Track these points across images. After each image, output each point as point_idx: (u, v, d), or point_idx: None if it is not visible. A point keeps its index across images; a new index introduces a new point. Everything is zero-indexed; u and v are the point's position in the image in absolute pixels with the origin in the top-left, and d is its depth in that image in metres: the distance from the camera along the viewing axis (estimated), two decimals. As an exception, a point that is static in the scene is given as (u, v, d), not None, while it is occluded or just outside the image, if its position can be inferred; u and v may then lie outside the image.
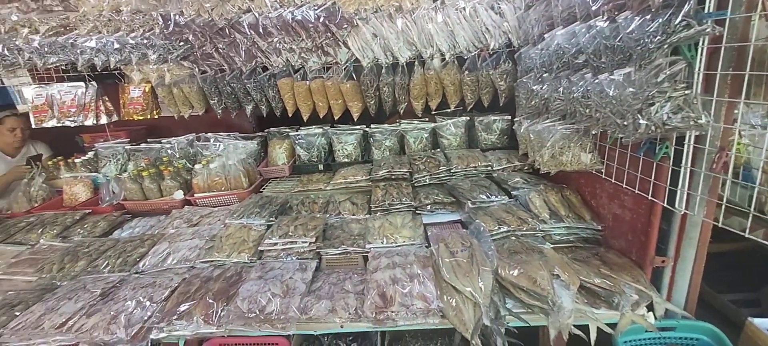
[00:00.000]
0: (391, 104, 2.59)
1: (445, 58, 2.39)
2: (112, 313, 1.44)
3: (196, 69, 2.61)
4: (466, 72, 2.42)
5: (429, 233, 1.83)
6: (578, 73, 1.56)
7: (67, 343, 1.42)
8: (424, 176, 2.25)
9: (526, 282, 1.40)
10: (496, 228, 1.73)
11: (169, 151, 2.79)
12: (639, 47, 1.22)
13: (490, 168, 2.28)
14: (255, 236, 1.86)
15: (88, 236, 2.11)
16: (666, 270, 1.42)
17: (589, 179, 1.84)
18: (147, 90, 2.75)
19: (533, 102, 2.02)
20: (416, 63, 2.43)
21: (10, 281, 1.80)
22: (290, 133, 2.68)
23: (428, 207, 2.06)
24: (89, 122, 2.76)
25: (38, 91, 2.77)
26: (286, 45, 2.39)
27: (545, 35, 1.83)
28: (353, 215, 2.06)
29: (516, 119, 2.23)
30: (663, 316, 1.33)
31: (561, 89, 1.70)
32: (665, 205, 1.32)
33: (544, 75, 1.93)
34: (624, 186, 1.51)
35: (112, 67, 2.56)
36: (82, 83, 2.77)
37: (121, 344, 1.38)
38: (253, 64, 2.51)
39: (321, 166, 2.66)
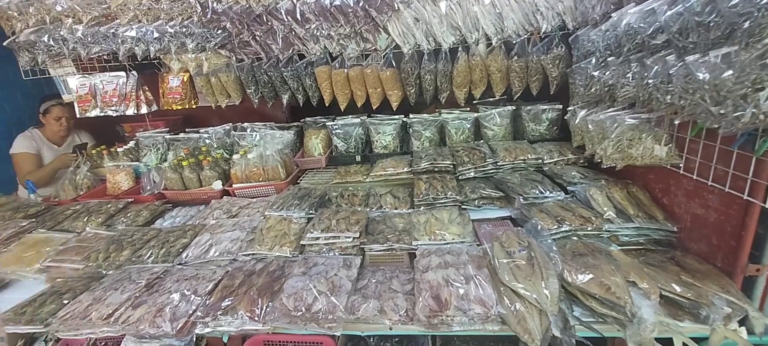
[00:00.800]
0: (432, 93, 2.46)
1: (491, 43, 2.24)
2: (157, 305, 1.42)
3: (234, 58, 2.57)
4: (515, 58, 2.25)
5: (480, 231, 1.72)
6: (656, 55, 1.39)
7: (114, 334, 1.41)
8: (468, 169, 2.12)
9: (597, 289, 1.26)
10: (555, 227, 1.59)
11: (207, 141, 2.79)
12: (746, 22, 1.04)
13: (540, 161, 2.13)
14: (296, 229, 1.80)
15: (132, 225, 2.12)
16: (760, 280, 1.25)
17: (660, 174, 1.66)
18: (185, 79, 2.74)
19: (593, 89, 1.85)
20: (460, 49, 2.29)
21: (59, 268, 1.83)
22: (327, 123, 2.61)
23: (476, 202, 1.93)
24: (130, 112, 2.79)
25: (82, 81, 2.82)
26: (324, 31, 2.30)
27: (612, 14, 1.65)
28: (395, 208, 1.96)
29: (569, 108, 2.06)
30: (763, 332, 1.17)
31: (631, 74, 1.53)
32: (766, 206, 1.15)
33: (609, 59, 1.76)
34: (709, 183, 1.34)
35: (151, 56, 2.56)
36: (123, 73, 2.80)
37: (166, 338, 1.35)
38: (291, 52, 2.45)
39: (358, 158, 2.57)
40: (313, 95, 2.60)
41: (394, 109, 2.54)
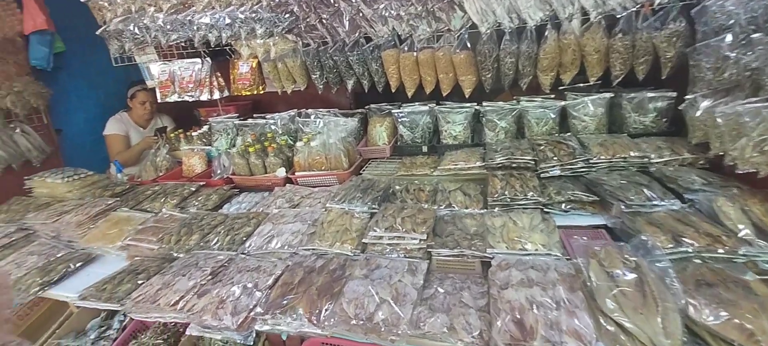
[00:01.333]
0: (511, 78, 2.19)
1: (588, 19, 1.90)
2: (220, 297, 1.39)
3: (300, 42, 2.51)
4: (619, 35, 1.90)
5: (569, 242, 1.46)
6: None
7: (180, 320, 1.42)
8: (553, 166, 1.84)
9: (736, 335, 0.97)
10: (671, 245, 1.28)
11: (272, 127, 2.79)
12: None
13: (646, 160, 1.78)
14: (358, 224, 1.69)
15: (202, 209, 2.17)
16: None
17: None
18: (254, 65, 2.76)
19: (726, 74, 1.48)
20: (549, 26, 1.98)
21: (137, 247, 1.91)
22: (392, 111, 2.46)
23: (562, 206, 1.67)
24: (204, 97, 2.88)
25: (163, 68, 2.97)
26: (392, 11, 2.13)
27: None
28: (466, 207, 1.76)
29: (687, 97, 1.69)
30: None
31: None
32: None
33: (754, 36, 1.39)
34: None
35: (223, 42, 2.60)
36: (198, 59, 2.90)
37: (227, 331, 1.32)
38: (357, 34, 2.32)
39: (425, 148, 2.39)
40: (379, 81, 2.45)
41: (467, 95, 2.31)
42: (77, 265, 1.89)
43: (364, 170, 2.37)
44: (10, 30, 2.92)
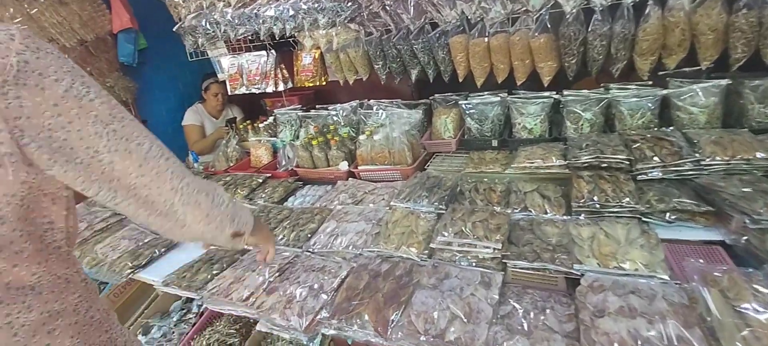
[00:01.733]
0: (600, 64, 1.92)
1: (704, -10, 1.58)
2: (287, 296, 1.39)
3: (362, 31, 2.43)
4: (743, 11, 1.56)
5: (679, 262, 1.24)
6: None
7: (250, 315, 1.45)
8: (653, 168, 1.58)
9: None
10: (825, 277, 1.02)
11: (334, 119, 2.77)
12: None
13: (778, 162, 1.46)
14: (424, 226, 1.60)
15: (268, 201, 2.22)
16: None
17: None
18: (316, 56, 2.74)
19: None
20: (651, 2, 1.69)
21: (212, 236, 2.01)
22: (459, 102, 2.30)
23: (666, 216, 1.43)
24: (269, 89, 2.94)
25: (232, 61, 3.07)
26: (462, -6, 1.96)
27: None
28: (545, 212, 1.59)
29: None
30: None
31: None
32: None
33: None
34: None
35: (287, 34, 2.61)
36: (263, 52, 2.95)
37: (295, 332, 1.32)
38: (422, 20, 2.19)
39: (495, 142, 2.21)
40: (445, 70, 2.31)
41: (545, 84, 2.08)
42: (162, 250, 2.03)
43: (428, 166, 2.26)
44: (101, 29, 3.20)
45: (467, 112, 2.29)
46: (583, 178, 1.62)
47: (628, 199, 1.46)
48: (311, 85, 2.79)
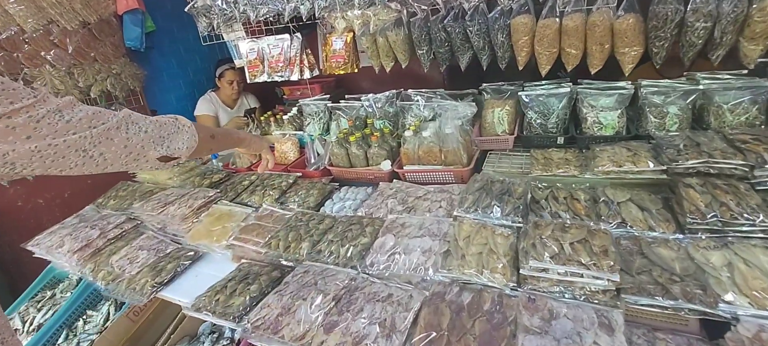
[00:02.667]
0: (697, 49, 1.64)
1: None
2: (352, 336, 1.15)
3: (405, 11, 2.14)
4: None
5: None
6: None
7: (306, 356, 1.21)
8: (779, 175, 1.33)
9: None
10: None
11: (368, 110, 2.50)
12: None
13: None
14: (504, 244, 1.34)
15: (303, 205, 1.97)
16: None
17: None
18: (349, 40, 2.45)
19: None
20: (775, -26, 1.40)
21: (242, 248, 1.77)
22: (519, 92, 2.02)
23: (805, 237, 1.18)
24: (294, 77, 2.66)
25: (251, 46, 2.78)
26: (533, -34, 1.67)
27: None
28: (650, 229, 1.34)
29: None
30: None
31: None
32: None
33: None
34: None
35: (316, 15, 2.31)
36: (286, 35, 2.66)
37: (365, 381, 1.08)
38: (479, -1, 1.89)
39: (561, 139, 1.95)
40: (504, 55, 2.02)
41: (627, 73, 1.80)
42: (186, 263, 1.80)
43: (483, 166, 1.99)
44: (105, 10, 2.90)
45: (528, 103, 2.01)
46: (694, 187, 1.36)
47: (761, 215, 1.20)
48: (342, 72, 2.50)
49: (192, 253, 1.85)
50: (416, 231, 1.52)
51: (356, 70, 2.53)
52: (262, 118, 2.92)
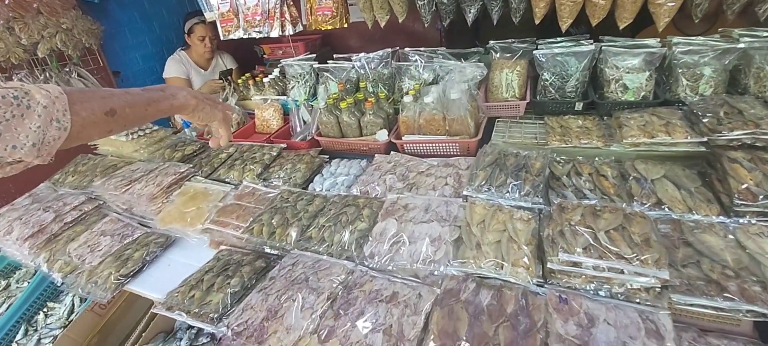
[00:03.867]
0: (741, 1, 1.42)
1: None
2: (352, 346, 0.97)
3: (402, -46, 1.83)
4: None
5: None
6: None
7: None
8: (837, 148, 1.16)
9: None
10: None
11: (360, 72, 2.22)
12: None
13: None
14: (525, 231, 1.16)
15: (289, 182, 1.74)
16: None
17: None
18: (336, -11, 2.12)
19: None
20: None
21: (220, 232, 1.55)
22: (535, 51, 1.77)
23: None
24: (274, 33, 2.33)
25: (223, -4, 2.41)
26: None
27: None
28: (690, 211, 1.17)
29: None
30: None
31: None
32: None
33: None
34: None
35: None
36: (264, -16, 2.30)
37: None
38: (493, -63, 1.60)
39: (579, 105, 1.74)
40: (517, 9, 1.76)
41: (661, 28, 1.58)
42: (156, 251, 1.58)
43: (492, 136, 1.78)
44: (50, -47, 2.45)
45: (542, 63, 1.77)
46: (740, 162, 1.18)
47: (825, 198, 1.04)
48: (330, 28, 2.19)
49: (163, 239, 1.62)
50: (422, 214, 1.32)
51: (346, 26, 2.22)
52: (239, 81, 2.60)
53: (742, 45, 1.51)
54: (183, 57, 3.02)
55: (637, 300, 0.96)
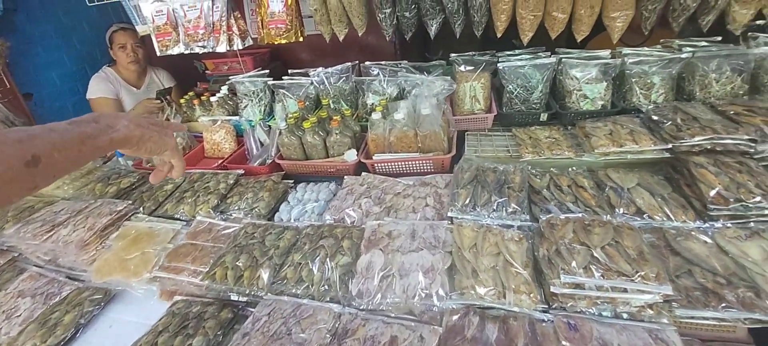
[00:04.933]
0: (688, 14, 1.53)
1: None
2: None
3: (362, -35, 1.75)
4: None
5: None
6: None
7: None
8: (782, 149, 1.26)
9: None
10: None
11: (319, 87, 2.10)
12: None
13: None
14: (520, 252, 1.12)
15: (252, 214, 1.56)
16: None
17: None
18: (290, 2, 1.99)
19: None
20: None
21: (173, 280, 1.33)
22: (495, 63, 1.77)
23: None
24: (221, 48, 2.13)
25: (158, 7, 2.17)
26: None
27: None
28: (669, 218, 1.20)
29: None
30: None
31: None
32: None
33: None
34: None
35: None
36: (206, -6, 2.10)
37: None
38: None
39: (544, 116, 1.76)
40: (480, 21, 1.75)
41: (615, 40, 1.65)
42: (92, 310, 1.32)
43: (464, 150, 1.74)
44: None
45: (506, 76, 1.78)
46: (707, 168, 1.25)
47: (783, 197, 1.11)
48: (284, 41, 2.04)
49: (100, 294, 1.36)
50: (409, 242, 1.22)
51: (302, 39, 2.09)
52: (182, 100, 2.34)
53: (685, 54, 1.62)
54: (110, 74, 2.66)
55: (643, 318, 0.94)
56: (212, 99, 2.26)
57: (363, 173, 1.69)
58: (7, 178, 0.57)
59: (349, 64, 2.10)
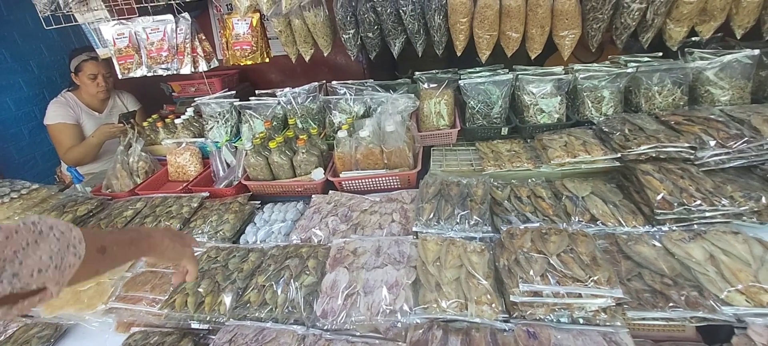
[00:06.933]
0: (629, 32, 1.64)
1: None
2: None
3: (324, -13, 1.80)
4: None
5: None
6: None
7: None
8: (717, 155, 1.36)
9: None
10: None
11: (287, 107, 2.10)
12: None
13: None
14: (481, 263, 1.14)
15: (216, 237, 1.53)
16: None
17: None
18: (255, 23, 2.00)
19: None
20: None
21: (130, 311, 1.28)
22: (460, 81, 1.84)
23: (743, 218, 1.20)
24: (186, 70, 2.11)
25: (119, 30, 2.14)
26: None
27: None
28: (620, 224, 1.26)
29: None
30: None
31: None
32: None
33: None
34: None
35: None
36: (169, 16, 2.09)
37: None
38: (414, -26, 1.65)
39: (505, 130, 1.83)
40: (440, 40, 1.81)
41: (565, 57, 1.75)
42: (41, 347, 1.24)
43: (429, 165, 1.78)
44: None
45: (468, 93, 1.84)
46: (652, 174, 1.32)
47: (725, 200, 1.19)
48: (250, 63, 2.05)
49: (50, 329, 1.29)
50: (374, 259, 1.23)
51: (268, 60, 2.10)
52: (145, 123, 2.28)
53: (631, 69, 1.73)
54: (70, 99, 2.57)
55: (598, 322, 0.98)
56: (177, 121, 2.21)
57: (331, 192, 1.69)
58: (85, 259, 0.66)
59: (316, 83, 2.12)
